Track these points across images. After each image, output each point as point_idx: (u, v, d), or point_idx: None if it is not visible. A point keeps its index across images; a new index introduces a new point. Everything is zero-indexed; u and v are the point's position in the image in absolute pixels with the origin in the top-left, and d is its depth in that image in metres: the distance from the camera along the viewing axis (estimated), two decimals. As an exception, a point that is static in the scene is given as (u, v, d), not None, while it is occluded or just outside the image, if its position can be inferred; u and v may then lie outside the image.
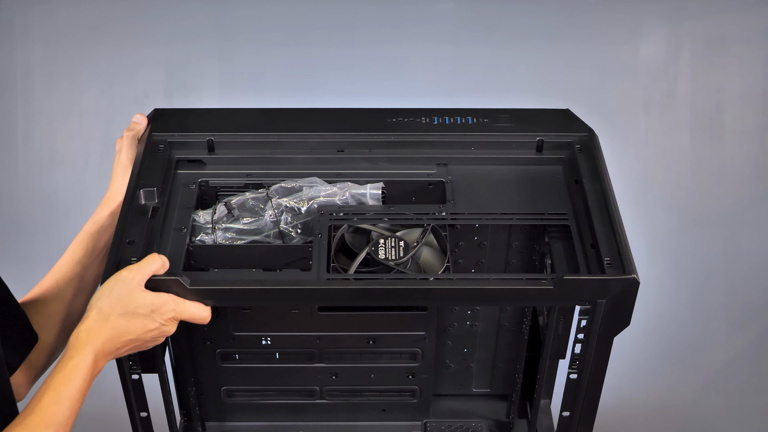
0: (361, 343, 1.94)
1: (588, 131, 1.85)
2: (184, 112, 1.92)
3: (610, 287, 1.56)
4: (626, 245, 1.60)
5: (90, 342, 1.48)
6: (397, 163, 1.84)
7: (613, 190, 1.72)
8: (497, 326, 2.02)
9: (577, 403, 1.75)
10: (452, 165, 1.84)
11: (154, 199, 1.71)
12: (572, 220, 1.71)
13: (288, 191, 1.79)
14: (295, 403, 2.06)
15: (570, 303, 1.64)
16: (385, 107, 1.93)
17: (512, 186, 1.80)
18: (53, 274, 1.77)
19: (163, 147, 1.82)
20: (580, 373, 1.71)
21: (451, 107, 1.93)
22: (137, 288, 1.52)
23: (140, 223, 1.66)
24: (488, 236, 1.86)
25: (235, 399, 2.05)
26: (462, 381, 2.14)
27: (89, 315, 1.50)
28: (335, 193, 1.77)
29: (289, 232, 1.77)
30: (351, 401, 2.06)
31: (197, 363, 1.96)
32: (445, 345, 2.05)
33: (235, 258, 1.74)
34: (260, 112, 1.94)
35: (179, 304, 1.55)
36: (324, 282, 1.60)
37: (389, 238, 1.70)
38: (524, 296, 1.61)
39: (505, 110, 1.91)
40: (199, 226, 1.76)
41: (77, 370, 1.46)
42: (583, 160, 1.79)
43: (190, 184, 1.82)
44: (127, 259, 1.58)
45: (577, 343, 1.67)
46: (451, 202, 1.76)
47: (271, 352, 1.95)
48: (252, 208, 1.79)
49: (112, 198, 1.77)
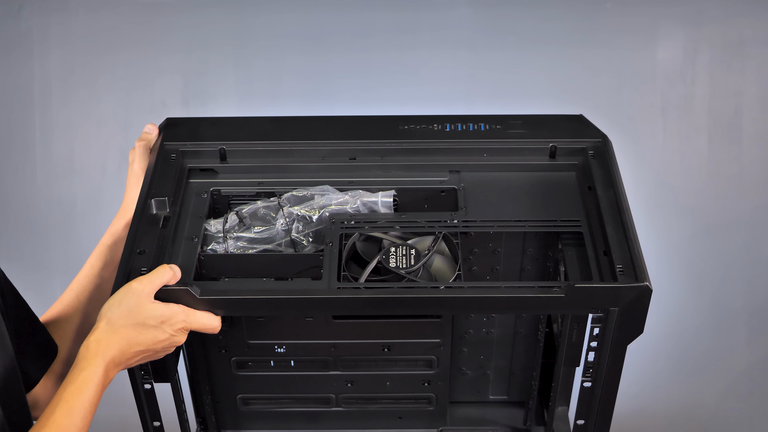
0: (376, 351, 1.93)
1: (601, 137, 1.84)
2: (196, 121, 1.92)
3: (623, 295, 1.55)
4: (639, 252, 1.59)
5: (100, 353, 1.48)
6: (409, 170, 1.83)
7: (627, 196, 1.71)
8: (513, 333, 2.01)
9: (592, 412, 1.74)
10: (465, 172, 1.83)
11: (165, 209, 1.72)
12: (585, 227, 1.70)
13: (299, 200, 1.79)
14: (311, 410, 2.05)
15: (582, 311, 1.63)
16: (402, 114, 1.93)
17: (525, 193, 1.80)
18: (73, 288, 1.78)
19: (175, 156, 1.82)
20: (594, 381, 1.70)
21: (467, 113, 1.93)
22: (147, 299, 1.52)
23: (151, 233, 1.67)
24: (502, 243, 1.85)
25: (251, 407, 2.04)
26: (479, 388, 2.13)
27: (99, 326, 1.50)
28: (347, 201, 1.77)
29: (300, 240, 1.76)
30: (367, 409, 2.05)
31: (212, 371, 1.96)
32: (461, 352, 2.05)
33: (246, 267, 1.74)
34: (272, 121, 1.94)
35: (189, 315, 1.55)
36: (334, 291, 1.59)
37: (400, 247, 1.70)
38: (535, 304, 1.60)
39: (518, 116, 1.90)
40: (210, 235, 1.76)
41: (89, 382, 1.46)
42: (597, 167, 1.78)
43: (202, 193, 1.82)
44: (137, 269, 1.58)
45: (591, 351, 1.66)
46: (463, 209, 1.76)
47: (286, 359, 1.95)
48: (263, 217, 1.79)
49: (127, 209, 1.78)
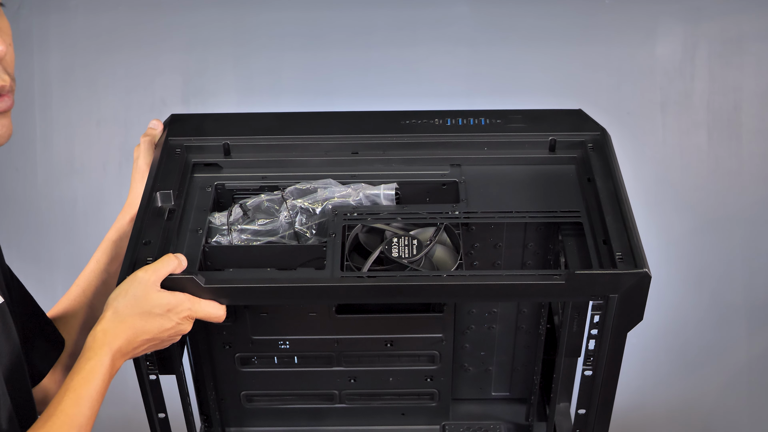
0: (379, 346, 1.94)
1: (600, 130, 1.85)
2: (200, 117, 1.94)
3: (622, 281, 1.56)
4: (638, 240, 1.60)
5: (107, 342, 1.49)
6: (411, 164, 1.84)
7: (626, 187, 1.72)
8: (515, 329, 2.02)
9: (593, 401, 1.75)
10: (466, 165, 1.85)
11: (170, 202, 1.73)
12: (585, 218, 1.71)
13: (303, 193, 1.80)
14: (315, 407, 2.06)
15: (582, 298, 1.65)
16: (402, 110, 1.94)
17: (525, 185, 1.81)
18: (79, 284, 1.79)
19: (180, 151, 1.83)
20: (594, 370, 1.71)
21: (467, 109, 1.94)
22: (153, 288, 1.53)
23: (157, 225, 1.68)
24: (503, 237, 1.86)
25: (255, 404, 2.05)
26: (481, 385, 2.14)
27: (105, 315, 1.51)
28: (349, 194, 1.78)
29: (304, 232, 1.78)
30: (370, 405, 2.06)
31: (217, 368, 1.97)
32: (464, 348, 2.06)
33: (250, 258, 1.75)
34: (275, 116, 1.95)
35: (195, 303, 1.56)
36: (338, 279, 1.60)
37: (403, 237, 1.71)
38: (536, 292, 1.61)
39: (518, 111, 1.91)
40: (215, 228, 1.77)
41: (96, 371, 1.47)
42: (596, 159, 1.79)
43: (206, 187, 1.83)
44: (143, 259, 1.60)
45: (591, 339, 1.67)
46: (465, 201, 1.77)
47: (289, 355, 1.96)
48: (267, 210, 1.80)
49: (132, 204, 1.79)
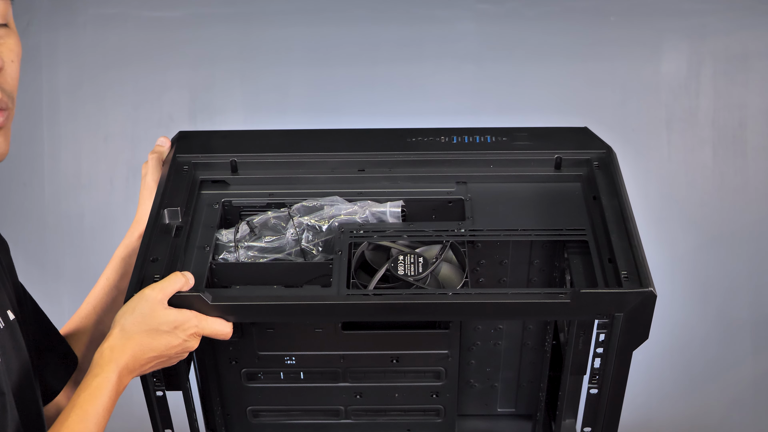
0: (385, 362, 1.94)
1: (606, 148, 1.85)
2: (208, 134, 1.94)
3: (627, 300, 1.56)
4: (643, 259, 1.60)
5: (114, 359, 1.49)
6: (417, 181, 1.85)
7: (631, 205, 1.72)
8: (520, 345, 2.02)
9: (599, 419, 1.75)
10: (472, 183, 1.85)
11: (177, 219, 1.73)
12: (590, 236, 1.72)
13: (309, 210, 1.81)
14: (321, 423, 2.06)
15: (587, 317, 1.64)
16: (409, 127, 1.94)
17: (531, 203, 1.81)
18: (89, 302, 1.80)
19: (188, 168, 1.84)
20: (600, 388, 1.71)
21: (473, 126, 1.94)
22: (160, 305, 1.54)
23: (164, 242, 1.68)
24: (509, 254, 1.86)
25: (261, 419, 2.05)
26: (486, 401, 2.13)
27: (113, 333, 1.52)
28: (356, 211, 1.79)
29: (310, 250, 1.78)
30: (376, 421, 2.05)
31: (223, 383, 1.97)
32: (469, 364, 2.05)
33: (257, 275, 1.76)
34: (282, 134, 1.96)
35: (201, 320, 1.57)
36: (344, 297, 1.61)
37: (409, 255, 1.71)
38: (542, 310, 1.61)
39: (524, 129, 1.92)
40: (222, 245, 1.78)
41: (102, 388, 1.48)
42: (601, 177, 1.79)
43: (213, 204, 1.84)
44: (150, 277, 1.60)
45: (597, 358, 1.67)
46: (471, 219, 1.77)
47: (295, 371, 1.96)
48: (274, 227, 1.80)
49: (140, 221, 1.79)
